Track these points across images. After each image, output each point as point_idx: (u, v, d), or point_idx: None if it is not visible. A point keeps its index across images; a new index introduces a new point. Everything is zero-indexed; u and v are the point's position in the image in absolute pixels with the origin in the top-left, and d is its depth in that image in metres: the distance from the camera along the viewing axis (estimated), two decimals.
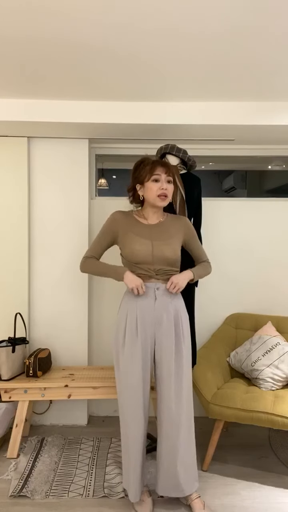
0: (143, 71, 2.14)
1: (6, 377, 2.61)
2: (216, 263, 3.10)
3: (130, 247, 2.02)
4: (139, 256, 2.00)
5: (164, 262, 2.01)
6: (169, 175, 2.01)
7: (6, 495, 2.18)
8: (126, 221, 2.09)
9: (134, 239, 2.03)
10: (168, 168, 2.02)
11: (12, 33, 1.78)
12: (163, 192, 1.99)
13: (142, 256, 1.99)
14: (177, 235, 2.09)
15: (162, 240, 2.03)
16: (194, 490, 2.06)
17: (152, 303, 2.01)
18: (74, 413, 3.03)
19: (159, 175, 1.99)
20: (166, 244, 2.03)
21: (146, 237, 2.03)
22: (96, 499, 2.14)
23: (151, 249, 2.00)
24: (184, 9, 1.59)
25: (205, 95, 2.46)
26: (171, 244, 2.03)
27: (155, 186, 2.00)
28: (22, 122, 2.60)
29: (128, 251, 2.02)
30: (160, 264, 2.01)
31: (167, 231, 2.08)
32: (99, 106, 2.58)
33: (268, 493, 2.21)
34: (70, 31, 1.76)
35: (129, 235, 2.04)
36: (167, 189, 2.00)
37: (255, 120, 2.58)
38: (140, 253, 1.99)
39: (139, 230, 2.06)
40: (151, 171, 2.00)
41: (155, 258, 2.00)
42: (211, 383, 2.46)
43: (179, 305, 2.07)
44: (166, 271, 2.03)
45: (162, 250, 2.00)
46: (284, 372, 2.53)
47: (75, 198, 2.98)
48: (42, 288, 2.99)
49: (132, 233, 2.05)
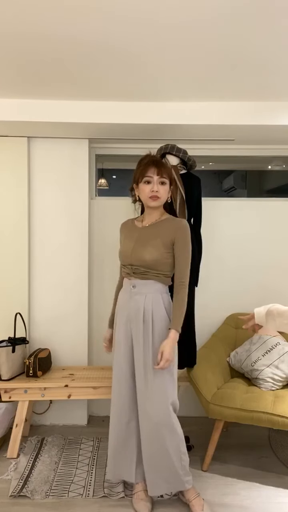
0: (143, 71, 2.14)
1: (6, 377, 2.61)
2: (216, 262, 3.10)
3: (119, 250, 2.14)
4: (122, 257, 2.10)
5: (141, 263, 2.00)
6: (162, 176, 1.99)
7: (6, 495, 2.18)
8: (126, 227, 2.18)
9: (122, 241, 2.14)
10: (161, 168, 1.99)
11: (12, 32, 1.78)
12: (154, 194, 1.99)
13: (123, 257, 2.09)
14: (165, 238, 2.00)
15: (144, 242, 2.02)
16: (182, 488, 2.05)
17: (127, 300, 2.08)
18: (74, 413, 3.03)
19: (151, 177, 1.99)
20: (146, 246, 2.00)
21: (131, 239, 2.08)
22: (96, 499, 2.14)
23: (130, 250, 2.05)
24: (184, 8, 1.59)
25: (205, 95, 2.46)
26: (153, 247, 1.98)
27: (147, 188, 2.00)
28: (22, 122, 2.60)
29: (119, 253, 2.14)
30: (137, 265, 2.02)
31: (153, 232, 2.03)
32: (99, 106, 2.58)
33: (268, 493, 2.21)
34: (70, 30, 1.76)
35: (122, 239, 2.16)
36: (158, 191, 1.99)
37: (255, 120, 2.58)
38: (122, 254, 2.10)
39: (130, 233, 2.12)
40: (142, 172, 2.00)
41: (133, 259, 2.03)
42: (211, 383, 2.46)
43: (153, 303, 2.01)
44: (143, 271, 2.02)
45: (141, 252, 2.00)
46: (284, 372, 2.53)
47: (75, 198, 2.98)
48: (42, 288, 2.99)
49: (123, 236, 2.16)
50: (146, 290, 2.03)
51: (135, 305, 2.03)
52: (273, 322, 1.82)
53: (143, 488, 2.12)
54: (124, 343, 2.08)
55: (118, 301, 2.15)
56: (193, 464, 2.45)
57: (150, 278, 2.02)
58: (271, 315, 1.83)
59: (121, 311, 2.11)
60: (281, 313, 1.80)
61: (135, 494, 2.12)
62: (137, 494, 2.12)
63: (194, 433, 2.83)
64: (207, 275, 3.06)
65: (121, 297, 2.13)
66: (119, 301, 2.14)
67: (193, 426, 2.94)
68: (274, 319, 1.82)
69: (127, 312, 2.07)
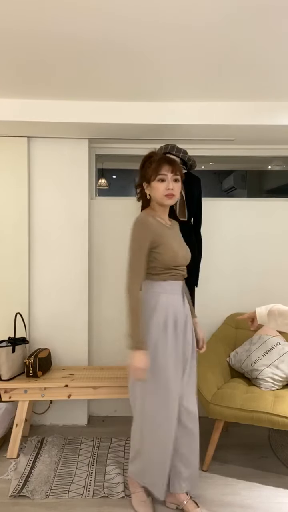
0: (143, 71, 2.14)
1: (6, 377, 2.61)
2: (216, 263, 3.10)
3: (172, 251, 1.94)
4: (180, 259, 1.97)
5: (187, 263, 2.05)
6: (176, 174, 1.97)
7: (6, 495, 2.18)
8: (157, 225, 1.97)
9: (170, 242, 1.96)
10: (175, 166, 1.97)
11: (11, 31, 1.78)
12: (169, 192, 1.95)
13: (179, 259, 1.97)
14: None
15: (181, 241, 2.09)
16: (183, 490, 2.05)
17: (181, 301, 2.02)
18: (74, 413, 3.03)
19: (165, 175, 1.94)
20: (184, 245, 2.08)
21: (176, 239, 2.05)
22: (96, 499, 2.14)
23: (184, 252, 2.03)
24: (185, 8, 1.59)
25: (205, 95, 2.46)
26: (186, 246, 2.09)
27: (162, 186, 1.94)
28: (22, 122, 2.60)
29: (171, 255, 1.93)
30: (185, 266, 2.05)
31: (178, 233, 2.13)
32: (99, 106, 2.58)
33: (268, 493, 2.21)
34: (70, 30, 1.76)
35: (165, 238, 1.95)
36: (173, 189, 1.96)
37: (255, 120, 2.57)
38: (176, 256, 1.95)
39: (169, 232, 2.01)
40: (156, 170, 1.94)
41: (185, 260, 2.02)
42: (211, 383, 2.46)
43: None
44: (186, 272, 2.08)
45: (186, 252, 2.05)
46: (284, 372, 2.53)
47: (75, 198, 2.98)
48: (42, 288, 2.99)
49: (166, 236, 1.96)
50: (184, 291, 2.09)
51: (186, 308, 2.05)
52: (275, 322, 1.83)
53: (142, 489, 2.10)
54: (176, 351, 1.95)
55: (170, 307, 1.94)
56: None
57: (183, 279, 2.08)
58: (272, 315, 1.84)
59: (177, 316, 1.96)
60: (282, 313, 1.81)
61: (134, 495, 2.10)
62: (137, 494, 2.10)
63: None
64: (207, 275, 3.06)
65: (172, 303, 1.96)
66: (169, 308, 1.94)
67: None
68: (275, 319, 1.83)
69: (182, 315, 2.00)
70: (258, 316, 1.89)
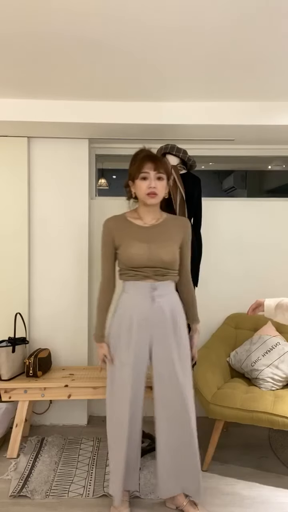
0: (143, 71, 2.14)
1: (6, 377, 2.61)
2: (216, 263, 3.10)
3: (125, 252, 1.95)
4: (136, 260, 1.93)
5: (161, 264, 1.94)
6: (159, 172, 1.91)
7: (6, 495, 2.18)
8: (120, 225, 2.00)
9: (130, 243, 1.95)
10: (158, 164, 1.91)
11: (11, 31, 1.78)
12: (151, 190, 1.90)
13: (138, 260, 1.92)
14: (177, 236, 2.01)
15: (159, 242, 1.96)
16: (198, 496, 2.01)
17: (148, 303, 1.95)
18: (74, 413, 3.03)
19: (148, 173, 1.90)
20: (163, 246, 1.95)
21: (142, 240, 1.95)
22: (96, 499, 2.14)
23: (147, 251, 1.92)
24: (185, 7, 1.59)
25: (205, 95, 2.46)
26: (168, 247, 1.96)
27: (144, 184, 1.91)
28: (22, 122, 2.60)
29: (124, 256, 1.95)
30: (157, 267, 1.95)
31: (166, 232, 1.99)
32: (99, 106, 2.58)
33: (268, 493, 2.21)
34: (70, 31, 1.76)
35: (125, 239, 1.97)
36: (155, 187, 1.90)
37: (255, 120, 2.58)
38: (136, 257, 1.92)
39: (134, 233, 1.97)
40: (138, 168, 1.91)
41: (151, 261, 1.93)
42: (211, 383, 2.46)
43: (175, 304, 2.02)
44: (164, 272, 1.97)
45: (159, 254, 1.93)
46: (284, 372, 2.53)
47: (75, 198, 2.98)
48: (42, 288, 2.99)
49: (127, 237, 1.97)
50: (167, 291, 1.99)
51: (160, 308, 1.95)
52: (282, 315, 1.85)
53: (125, 499, 2.07)
54: (142, 351, 1.96)
55: (128, 308, 1.97)
56: None
57: (169, 279, 1.99)
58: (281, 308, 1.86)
59: (138, 317, 1.95)
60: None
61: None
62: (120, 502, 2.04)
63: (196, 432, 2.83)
64: (207, 275, 3.06)
65: (137, 303, 1.96)
66: (131, 308, 1.96)
67: None
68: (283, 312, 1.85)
69: (148, 316, 1.95)
70: (266, 308, 1.89)
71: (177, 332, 1.99)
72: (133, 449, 2.00)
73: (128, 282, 1.99)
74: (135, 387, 1.95)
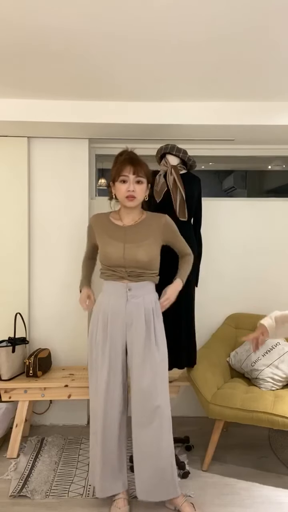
0: (143, 71, 2.14)
1: (6, 377, 2.61)
2: (216, 263, 3.10)
3: (103, 250, 2.02)
4: (111, 259, 1.98)
5: (136, 264, 1.97)
6: (138, 175, 1.93)
7: (6, 495, 2.18)
8: (101, 223, 2.08)
9: (107, 241, 2.01)
10: (137, 167, 1.93)
11: (11, 31, 1.78)
12: (130, 193, 1.94)
13: (114, 259, 1.98)
14: (154, 236, 2.03)
15: (135, 242, 1.99)
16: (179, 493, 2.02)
17: (123, 303, 2.00)
18: (74, 413, 3.03)
19: (127, 176, 1.93)
20: (139, 246, 1.98)
21: (119, 239, 2.00)
22: (96, 499, 2.14)
23: (122, 252, 1.97)
24: (184, 8, 1.59)
25: (205, 95, 2.46)
26: (144, 246, 1.98)
27: (123, 187, 1.94)
28: (22, 122, 2.60)
29: (102, 254, 2.03)
30: (132, 267, 1.98)
31: (142, 232, 2.02)
32: (99, 106, 2.58)
33: (268, 493, 2.21)
34: (71, 30, 1.76)
35: (103, 237, 2.04)
36: (134, 190, 1.94)
37: (255, 120, 2.58)
38: (112, 256, 1.98)
39: (112, 232, 2.03)
40: (118, 171, 1.94)
41: (126, 261, 1.97)
42: (211, 383, 2.46)
43: (151, 304, 2.03)
44: (139, 273, 2.00)
45: (134, 253, 1.96)
46: (284, 372, 2.53)
47: (75, 198, 2.98)
48: (42, 288, 2.99)
49: (106, 236, 2.03)
50: (143, 292, 2.02)
51: (135, 309, 2.00)
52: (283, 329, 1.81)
53: (123, 497, 2.07)
54: (120, 349, 2.02)
55: (105, 306, 2.03)
56: (193, 464, 2.45)
57: (145, 280, 2.02)
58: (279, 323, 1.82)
59: (114, 317, 2.01)
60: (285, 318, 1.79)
61: (114, 502, 2.06)
62: (116, 501, 2.05)
63: (194, 433, 2.83)
64: (207, 275, 3.06)
65: (112, 303, 2.02)
66: (107, 306, 2.02)
67: (193, 426, 2.94)
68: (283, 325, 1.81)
69: (123, 316, 2.00)
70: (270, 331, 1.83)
71: (149, 335, 2.00)
72: (111, 447, 2.02)
73: (107, 282, 2.07)
74: (110, 383, 1.99)
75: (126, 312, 2.00)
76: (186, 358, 2.46)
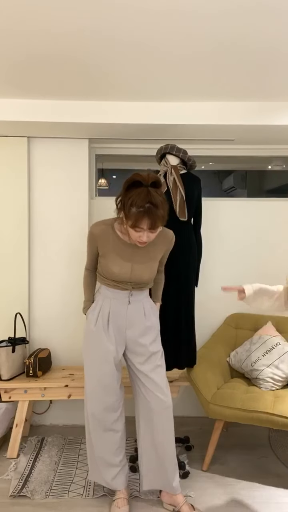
0: (144, 70, 2.14)
1: (6, 377, 2.61)
2: (216, 263, 3.10)
3: (108, 267, 2.00)
4: (118, 277, 2.00)
5: (140, 281, 2.04)
6: (153, 230, 1.83)
7: (6, 495, 2.18)
8: (106, 237, 1.99)
9: (114, 259, 1.98)
10: (156, 221, 1.80)
11: (11, 31, 1.78)
12: (142, 241, 1.89)
13: (120, 278, 2.00)
14: (159, 254, 2.08)
15: (143, 263, 2.01)
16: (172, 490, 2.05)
17: (125, 305, 2.06)
18: (74, 413, 3.03)
19: (142, 229, 1.83)
20: (146, 267, 2.02)
21: (127, 259, 1.99)
22: (96, 499, 2.14)
23: (129, 272, 2.00)
24: (184, 7, 1.59)
25: (205, 95, 2.46)
26: (150, 267, 2.03)
27: (135, 234, 1.86)
28: (22, 122, 2.60)
29: (106, 271, 2.01)
30: (136, 283, 2.05)
31: (149, 251, 2.04)
32: (99, 106, 2.58)
33: (268, 493, 2.21)
34: (71, 30, 1.76)
35: (110, 254, 1.99)
36: (146, 242, 1.89)
37: (255, 120, 2.58)
38: (119, 275, 1.99)
39: (120, 249, 1.99)
40: (134, 223, 1.80)
41: (132, 279, 2.01)
42: (211, 383, 2.46)
43: (150, 306, 2.15)
44: (142, 286, 2.08)
45: (141, 274, 2.01)
46: (284, 372, 2.53)
47: (75, 198, 2.98)
48: (42, 288, 2.99)
49: (113, 253, 1.99)
50: (142, 297, 2.12)
51: (135, 311, 2.08)
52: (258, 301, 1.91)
53: (123, 496, 2.07)
54: (118, 350, 2.07)
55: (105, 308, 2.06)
56: (193, 464, 2.46)
57: (145, 288, 2.13)
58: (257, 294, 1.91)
59: (114, 319, 2.05)
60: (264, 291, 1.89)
61: (114, 502, 2.06)
62: (116, 501, 2.05)
63: (194, 433, 2.84)
64: (207, 275, 3.06)
65: (114, 307, 2.05)
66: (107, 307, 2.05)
67: (193, 426, 2.94)
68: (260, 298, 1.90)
69: (124, 319, 2.06)
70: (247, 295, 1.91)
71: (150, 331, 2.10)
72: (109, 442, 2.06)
73: (106, 287, 2.09)
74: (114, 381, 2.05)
75: (128, 313, 2.07)
76: (186, 358, 2.46)
